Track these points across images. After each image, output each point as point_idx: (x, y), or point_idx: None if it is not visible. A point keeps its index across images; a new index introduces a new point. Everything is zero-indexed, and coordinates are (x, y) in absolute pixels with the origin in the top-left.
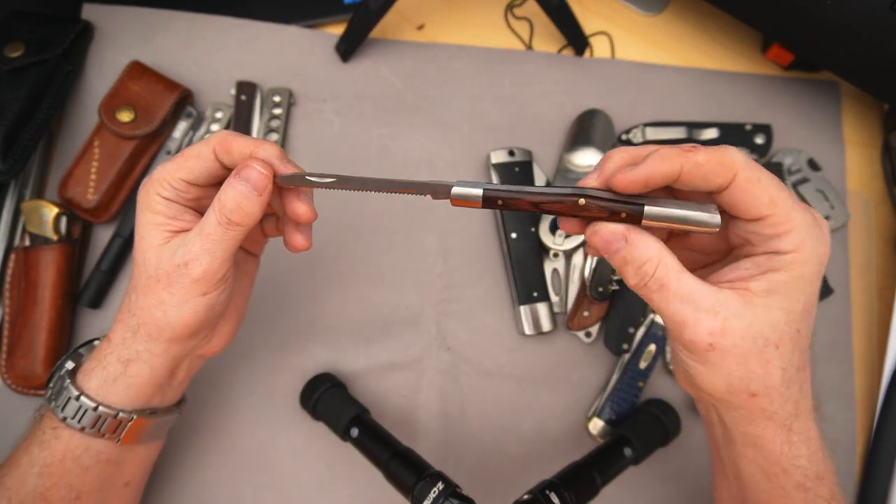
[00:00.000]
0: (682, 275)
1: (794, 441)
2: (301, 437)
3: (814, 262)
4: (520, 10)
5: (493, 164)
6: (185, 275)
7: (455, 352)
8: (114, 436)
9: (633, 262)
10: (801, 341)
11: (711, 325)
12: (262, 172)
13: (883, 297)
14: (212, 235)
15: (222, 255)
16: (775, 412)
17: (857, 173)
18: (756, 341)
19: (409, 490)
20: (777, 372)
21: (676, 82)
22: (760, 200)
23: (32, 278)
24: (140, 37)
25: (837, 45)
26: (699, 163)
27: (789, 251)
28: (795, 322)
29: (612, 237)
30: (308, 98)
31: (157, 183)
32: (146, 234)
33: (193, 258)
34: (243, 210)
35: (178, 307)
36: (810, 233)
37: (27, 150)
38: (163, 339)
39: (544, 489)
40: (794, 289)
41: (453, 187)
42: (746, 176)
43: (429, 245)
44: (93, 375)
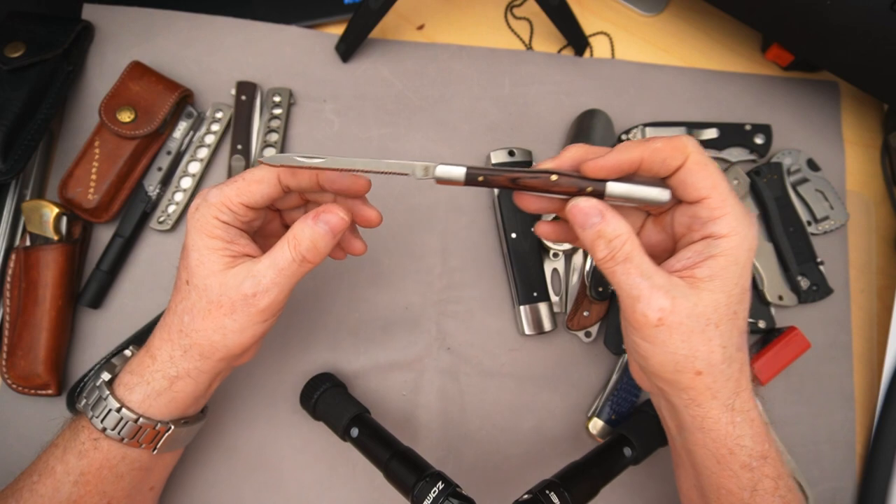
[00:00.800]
0: (645, 255)
1: (737, 421)
2: (301, 437)
3: (745, 247)
4: (520, 10)
5: (493, 164)
6: (252, 304)
7: (455, 352)
8: (151, 445)
9: (606, 236)
10: (738, 322)
11: (662, 301)
12: (344, 219)
13: (883, 297)
14: (285, 271)
15: (289, 289)
16: (719, 390)
17: (857, 173)
18: (699, 320)
19: (409, 490)
20: (718, 350)
21: (676, 82)
22: (704, 182)
23: (33, 278)
24: (140, 37)
25: (837, 45)
26: (658, 148)
27: (723, 235)
28: (733, 304)
29: (591, 211)
30: (308, 98)
31: (216, 207)
32: (206, 259)
33: (263, 290)
34: (318, 250)
35: (238, 332)
36: (742, 221)
37: (28, 150)
38: (215, 359)
39: (544, 489)
40: (731, 273)
41: (437, 167)
42: (696, 160)
43: (429, 245)
44: (136, 390)
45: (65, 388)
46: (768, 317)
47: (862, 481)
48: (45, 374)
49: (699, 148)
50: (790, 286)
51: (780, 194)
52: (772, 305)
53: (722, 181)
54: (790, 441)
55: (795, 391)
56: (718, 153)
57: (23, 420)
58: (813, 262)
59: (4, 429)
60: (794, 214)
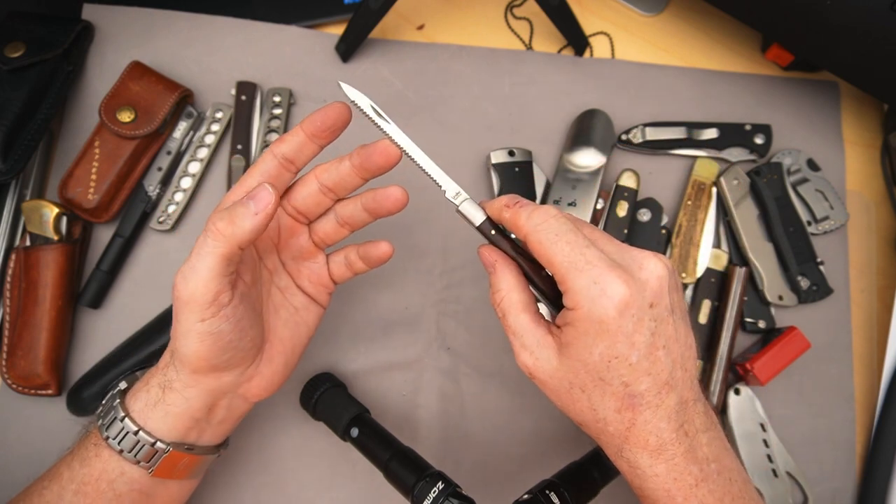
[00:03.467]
0: (520, 313)
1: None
2: (301, 437)
3: (591, 321)
4: (520, 10)
5: (493, 164)
6: (176, 298)
7: (455, 352)
8: (147, 465)
9: (493, 286)
10: (610, 388)
11: (526, 360)
12: (272, 194)
13: (883, 297)
14: (195, 248)
15: (207, 273)
16: (606, 443)
17: (857, 173)
18: (562, 382)
19: (409, 490)
20: (588, 411)
21: (676, 82)
22: (542, 259)
23: (33, 278)
24: (140, 37)
25: (837, 45)
26: (505, 217)
27: (570, 308)
28: (595, 371)
29: (485, 261)
30: (308, 98)
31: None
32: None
33: (182, 279)
34: (234, 222)
35: (184, 336)
36: (585, 294)
37: (27, 150)
38: (186, 371)
39: (544, 489)
40: (583, 343)
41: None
42: (531, 239)
43: (429, 245)
44: (138, 397)
45: (65, 388)
46: (768, 317)
47: (862, 481)
48: (45, 374)
49: (538, 225)
50: (790, 286)
51: (780, 194)
52: (772, 305)
53: (559, 258)
54: (790, 441)
55: (795, 391)
56: (718, 153)
57: (23, 420)
58: (813, 262)
59: (4, 429)
60: (794, 214)
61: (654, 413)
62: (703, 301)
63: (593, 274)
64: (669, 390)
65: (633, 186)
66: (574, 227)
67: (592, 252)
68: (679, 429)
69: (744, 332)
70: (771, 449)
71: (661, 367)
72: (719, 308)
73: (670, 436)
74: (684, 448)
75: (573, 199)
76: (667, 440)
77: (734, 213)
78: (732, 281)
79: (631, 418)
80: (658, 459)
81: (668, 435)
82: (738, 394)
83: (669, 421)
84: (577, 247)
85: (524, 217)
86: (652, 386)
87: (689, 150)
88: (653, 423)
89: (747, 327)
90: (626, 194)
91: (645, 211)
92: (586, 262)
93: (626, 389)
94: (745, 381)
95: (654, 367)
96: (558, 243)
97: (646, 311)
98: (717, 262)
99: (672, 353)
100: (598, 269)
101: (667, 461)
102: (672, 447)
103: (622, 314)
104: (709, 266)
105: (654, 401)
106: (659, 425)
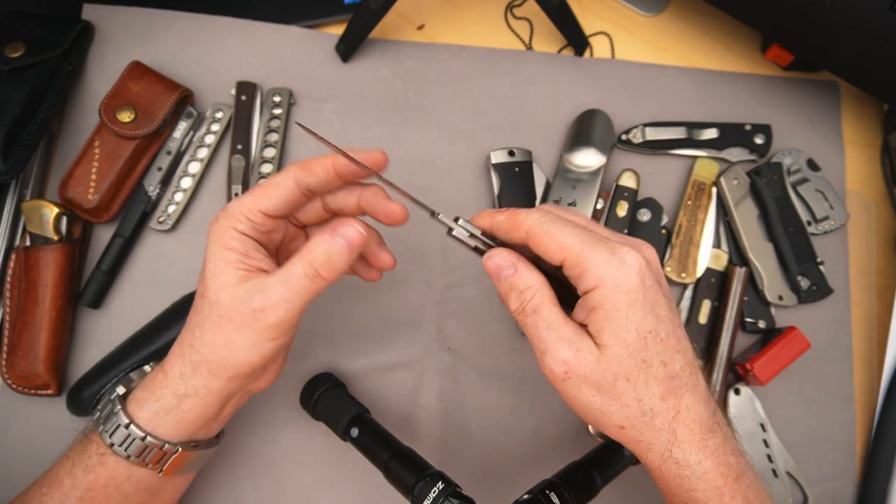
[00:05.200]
0: (554, 307)
1: (685, 474)
2: (301, 437)
3: (619, 293)
4: (520, 10)
5: (493, 164)
6: (260, 320)
7: (455, 352)
8: (157, 466)
9: (517, 288)
10: (653, 371)
11: (566, 353)
12: (362, 233)
13: (883, 297)
14: (295, 286)
15: (300, 306)
16: (651, 443)
17: (857, 173)
18: (606, 375)
19: (409, 490)
20: (634, 404)
21: (676, 82)
22: (551, 248)
23: (33, 278)
24: (140, 37)
25: (837, 45)
26: (499, 221)
27: (591, 288)
28: (637, 352)
29: (504, 263)
30: (308, 98)
31: (234, 217)
32: (220, 271)
33: (272, 306)
34: (333, 265)
35: (247, 349)
36: (607, 267)
37: (27, 150)
38: (223, 377)
39: (544, 489)
40: (616, 322)
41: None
42: (534, 230)
43: (429, 245)
44: (145, 406)
45: (65, 388)
46: (768, 317)
47: (862, 481)
48: (45, 374)
49: (540, 216)
50: (790, 286)
51: (780, 194)
52: (772, 305)
53: (571, 238)
54: (790, 441)
55: (795, 391)
56: (718, 153)
57: (23, 420)
58: (813, 262)
59: (4, 429)
60: (794, 214)
61: (692, 396)
62: (703, 301)
63: (609, 246)
64: (697, 371)
65: (633, 186)
66: (573, 213)
67: (600, 230)
68: (714, 414)
69: (744, 332)
70: (771, 449)
71: (685, 344)
72: (719, 308)
73: (709, 422)
74: (721, 438)
75: (573, 199)
76: (708, 427)
77: (734, 213)
78: (732, 281)
79: (675, 405)
80: (705, 452)
81: (708, 421)
82: (738, 394)
83: (707, 404)
84: (585, 229)
85: (523, 215)
86: (685, 364)
87: (689, 150)
88: (694, 408)
89: (747, 327)
90: (626, 194)
91: (645, 211)
92: (598, 238)
93: (666, 370)
94: (745, 381)
95: (679, 343)
96: (566, 227)
97: (657, 286)
98: (717, 262)
99: (685, 333)
100: (611, 243)
101: (712, 453)
102: (713, 437)
103: (643, 282)
104: (709, 266)
105: (690, 381)
106: (699, 410)
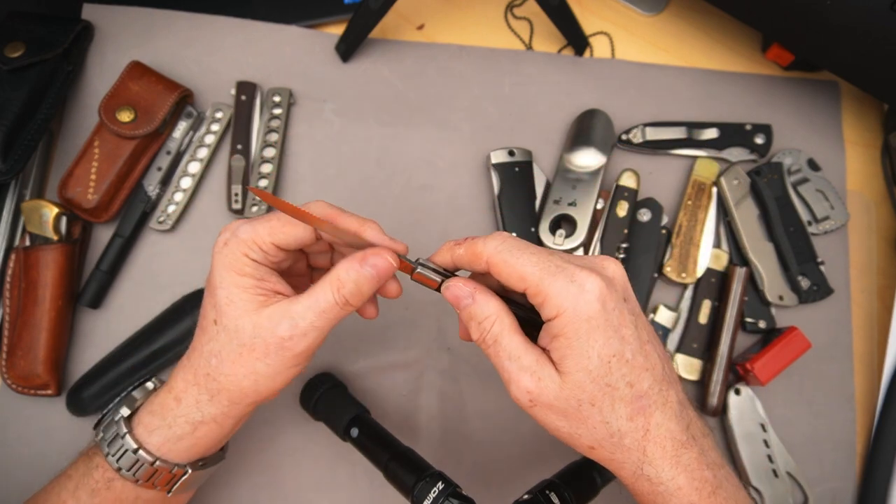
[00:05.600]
0: (514, 335)
1: (659, 490)
2: (301, 437)
3: (579, 321)
4: (520, 10)
5: (493, 164)
6: (288, 349)
7: (455, 352)
8: (166, 487)
9: (476, 318)
10: (618, 393)
11: (528, 383)
12: (391, 263)
13: (883, 297)
14: (326, 314)
15: (327, 333)
16: (623, 462)
17: (857, 173)
18: (569, 402)
19: (409, 490)
20: (601, 426)
21: (676, 82)
22: (511, 278)
23: (32, 278)
24: (140, 37)
25: (837, 45)
26: (460, 255)
27: (552, 317)
28: (600, 377)
29: (462, 293)
30: (308, 98)
31: (246, 244)
32: (236, 298)
33: (301, 334)
34: (362, 293)
35: (271, 378)
36: (566, 295)
37: (27, 150)
38: (244, 404)
39: (544, 489)
40: (577, 349)
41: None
42: (493, 261)
43: (429, 245)
44: (156, 433)
45: (64, 388)
46: (768, 317)
47: (862, 481)
48: (45, 374)
49: (499, 246)
50: (790, 286)
51: (780, 194)
52: (772, 305)
53: (529, 268)
54: (790, 441)
55: (796, 391)
56: (719, 153)
57: (23, 420)
58: (813, 262)
59: (4, 429)
60: (794, 214)
61: (662, 413)
62: (703, 301)
63: (567, 273)
64: (668, 386)
65: (633, 186)
66: (529, 243)
67: (558, 257)
68: (686, 430)
69: (744, 332)
70: (771, 449)
71: (654, 360)
72: (719, 308)
73: (682, 437)
74: (696, 451)
75: (573, 199)
76: (680, 443)
77: (734, 213)
78: (733, 281)
79: (644, 424)
80: (678, 468)
81: (681, 436)
82: (739, 394)
83: (678, 420)
84: (543, 255)
85: (480, 245)
86: (653, 382)
87: (689, 150)
88: (664, 425)
89: (747, 327)
90: (626, 194)
91: (645, 211)
92: (556, 266)
93: (632, 390)
94: (746, 381)
95: (647, 361)
96: (523, 256)
97: (622, 304)
98: (717, 262)
99: (657, 348)
100: (570, 269)
101: (685, 469)
102: (687, 451)
103: (604, 307)
104: (709, 266)
105: (659, 399)
106: (670, 426)
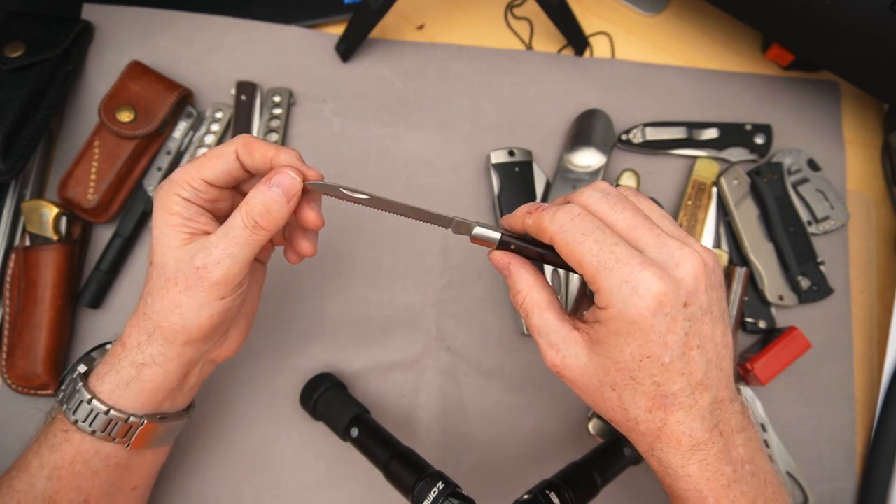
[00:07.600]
0: (544, 311)
1: (667, 472)
2: (301, 437)
3: (622, 321)
4: (520, 10)
5: (493, 164)
6: (204, 278)
7: (455, 352)
8: (124, 440)
9: (511, 290)
10: (642, 388)
11: (553, 358)
12: (296, 179)
13: (883, 297)
14: (236, 239)
15: (243, 260)
16: (637, 442)
17: (857, 173)
18: (591, 380)
19: (409, 490)
20: (618, 410)
21: (676, 82)
22: (571, 261)
23: (32, 278)
24: (140, 37)
25: (837, 45)
26: (529, 224)
27: (601, 307)
28: (627, 370)
29: (499, 265)
30: (308, 98)
31: (177, 184)
32: (164, 235)
33: (214, 261)
34: (271, 214)
35: (195, 311)
36: (617, 294)
37: (27, 150)
38: (178, 343)
39: (544, 489)
40: (614, 342)
41: (475, 228)
42: (557, 240)
43: (429, 245)
44: (106, 379)
45: None
46: (769, 317)
47: (862, 481)
48: (45, 375)
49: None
50: (791, 286)
51: (780, 194)
52: (772, 305)
53: (588, 257)
54: (790, 441)
55: (796, 391)
56: (719, 153)
57: (23, 420)
58: (813, 262)
59: (4, 429)
60: (794, 214)
61: (686, 413)
62: None
63: (624, 273)
64: (704, 390)
65: (633, 186)
66: (602, 225)
67: (622, 250)
68: (713, 429)
69: (744, 332)
70: (771, 449)
71: (696, 366)
72: None
73: (704, 436)
74: (718, 448)
75: None
76: (700, 440)
77: (734, 213)
78: (733, 281)
79: (663, 418)
80: (690, 460)
81: (702, 435)
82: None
83: (703, 421)
84: (607, 245)
85: (547, 219)
86: (686, 386)
87: (689, 150)
88: (686, 423)
89: (748, 327)
90: None
91: None
92: (616, 260)
93: (658, 389)
94: (746, 381)
95: (687, 367)
96: (586, 242)
97: (680, 310)
98: None
99: (707, 353)
100: (628, 268)
101: (700, 461)
102: (705, 447)
103: (655, 314)
104: None
105: (688, 401)
106: (692, 425)
